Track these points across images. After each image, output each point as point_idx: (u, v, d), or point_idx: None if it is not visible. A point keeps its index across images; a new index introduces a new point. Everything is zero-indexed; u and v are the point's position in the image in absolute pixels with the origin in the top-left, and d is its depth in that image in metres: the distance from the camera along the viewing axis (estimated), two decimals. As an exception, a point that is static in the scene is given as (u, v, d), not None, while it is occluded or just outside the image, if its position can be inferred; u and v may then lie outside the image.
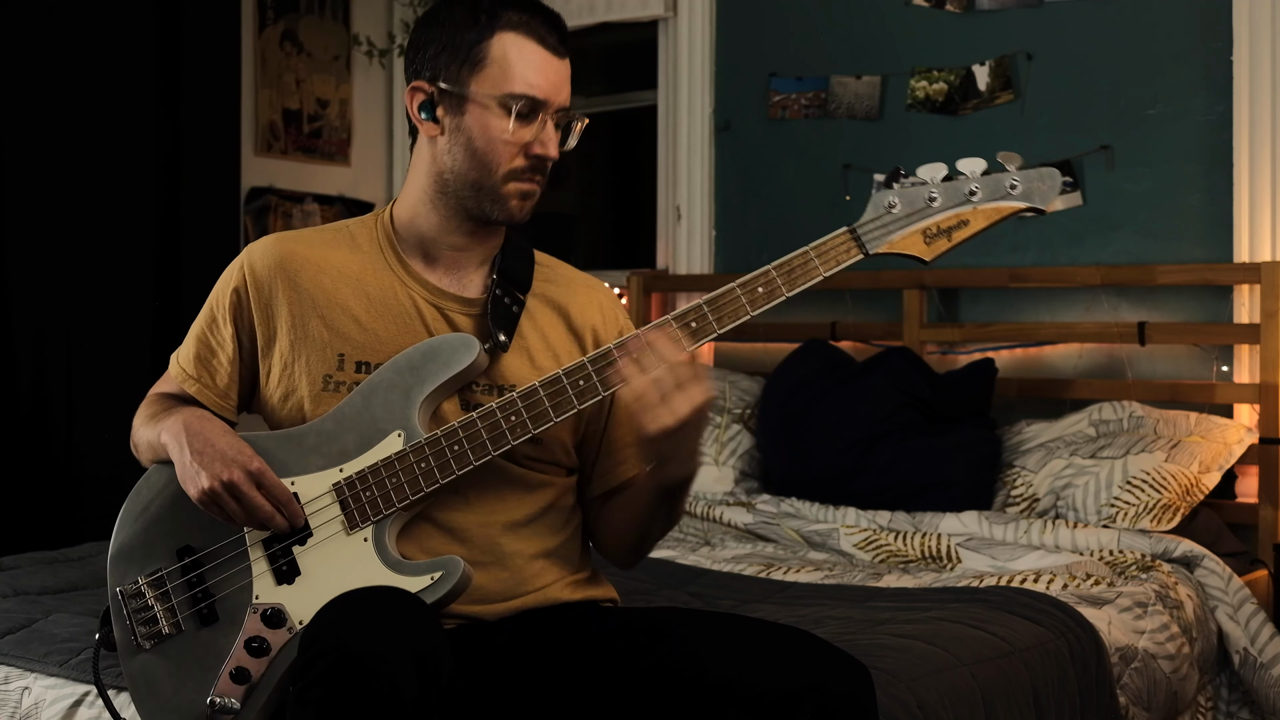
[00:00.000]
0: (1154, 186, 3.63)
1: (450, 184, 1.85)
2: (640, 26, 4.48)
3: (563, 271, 1.98)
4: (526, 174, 1.83)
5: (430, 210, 1.88)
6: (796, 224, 4.17)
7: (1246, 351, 3.48)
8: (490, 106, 1.80)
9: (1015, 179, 1.74)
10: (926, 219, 1.74)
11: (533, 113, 1.81)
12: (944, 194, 1.74)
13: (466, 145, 1.82)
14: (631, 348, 1.71)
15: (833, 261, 1.73)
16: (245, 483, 1.74)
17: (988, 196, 1.74)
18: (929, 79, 3.93)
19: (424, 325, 1.86)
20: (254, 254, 1.90)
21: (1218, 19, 3.52)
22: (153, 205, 4.18)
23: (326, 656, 1.54)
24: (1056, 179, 1.74)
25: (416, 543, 1.80)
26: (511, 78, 1.80)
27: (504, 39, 1.81)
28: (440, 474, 1.75)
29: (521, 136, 1.81)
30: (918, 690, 2.09)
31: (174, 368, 1.95)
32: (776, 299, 1.73)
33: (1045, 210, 1.75)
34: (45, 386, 3.93)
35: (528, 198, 1.85)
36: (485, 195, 1.84)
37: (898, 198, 1.74)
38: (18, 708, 2.17)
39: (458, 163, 1.84)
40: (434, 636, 1.59)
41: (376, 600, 1.62)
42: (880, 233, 1.74)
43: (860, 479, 3.45)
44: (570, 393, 1.74)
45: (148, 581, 1.82)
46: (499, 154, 1.82)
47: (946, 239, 1.74)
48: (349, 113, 4.86)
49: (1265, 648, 2.98)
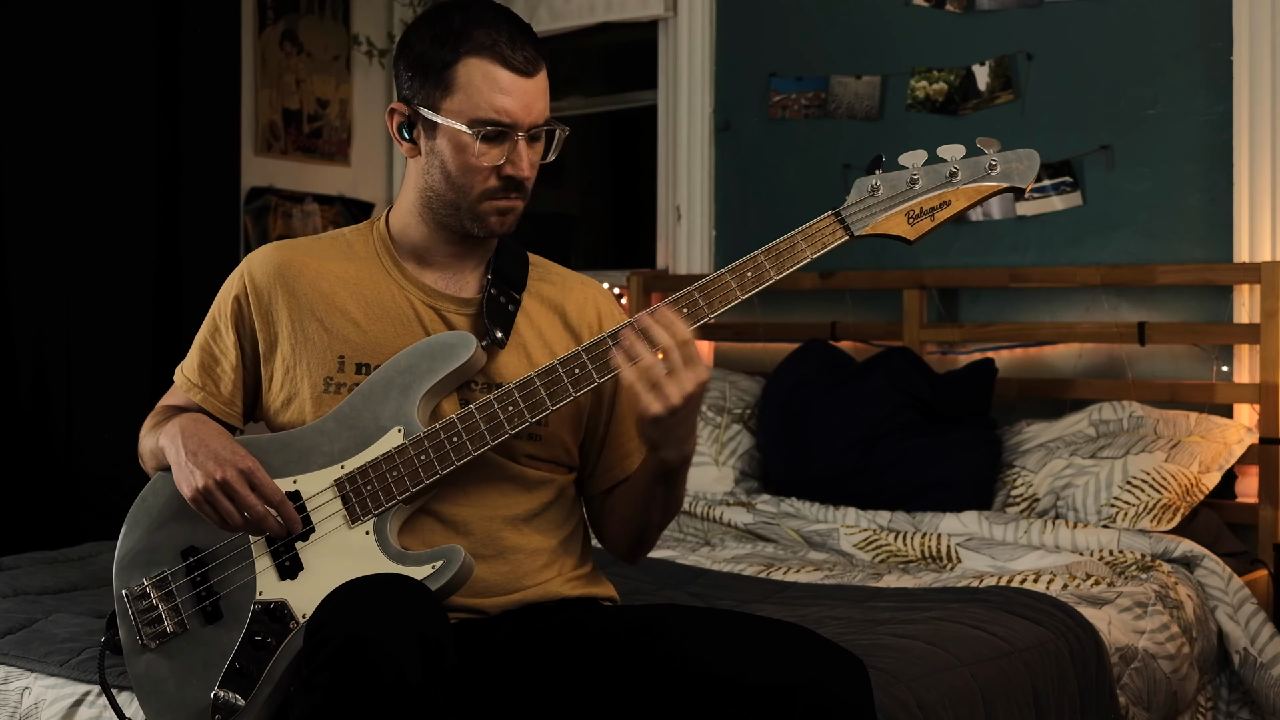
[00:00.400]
0: (1154, 186, 3.63)
1: (432, 202, 1.89)
2: (640, 26, 4.48)
3: (556, 271, 2.02)
4: (500, 194, 1.86)
5: (419, 223, 1.92)
6: (796, 224, 4.14)
7: (1246, 351, 3.48)
8: (459, 132, 1.82)
9: (994, 159, 1.79)
10: (909, 200, 1.79)
11: (501, 136, 1.82)
12: (925, 176, 1.79)
13: (441, 168, 1.86)
14: (626, 335, 1.73)
15: (819, 244, 1.79)
16: (238, 481, 1.76)
17: (968, 177, 1.79)
18: (929, 79, 3.93)
19: (421, 326, 1.89)
20: (253, 262, 1.94)
21: (1218, 19, 3.52)
22: (153, 205, 4.18)
23: (332, 641, 1.56)
24: (1035, 159, 1.78)
25: (418, 536, 1.82)
26: (478, 104, 1.81)
27: (469, 65, 1.81)
28: (440, 465, 1.77)
29: (492, 159, 1.83)
30: (918, 690, 2.09)
31: (179, 379, 1.98)
32: (765, 282, 1.77)
33: (1024, 190, 1.79)
34: (45, 386, 3.93)
35: (506, 213, 1.88)
36: (464, 214, 1.87)
37: (880, 181, 1.80)
38: (18, 708, 2.17)
39: (435, 183, 1.87)
40: (438, 620, 1.61)
41: (381, 586, 1.64)
42: (864, 215, 1.80)
43: (860, 479, 3.45)
44: (566, 381, 1.76)
45: (152, 583, 1.84)
46: (471, 177, 1.84)
47: (929, 219, 1.79)
48: (349, 113, 4.86)
49: (1265, 648, 2.98)
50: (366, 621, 1.56)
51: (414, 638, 1.56)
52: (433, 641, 1.57)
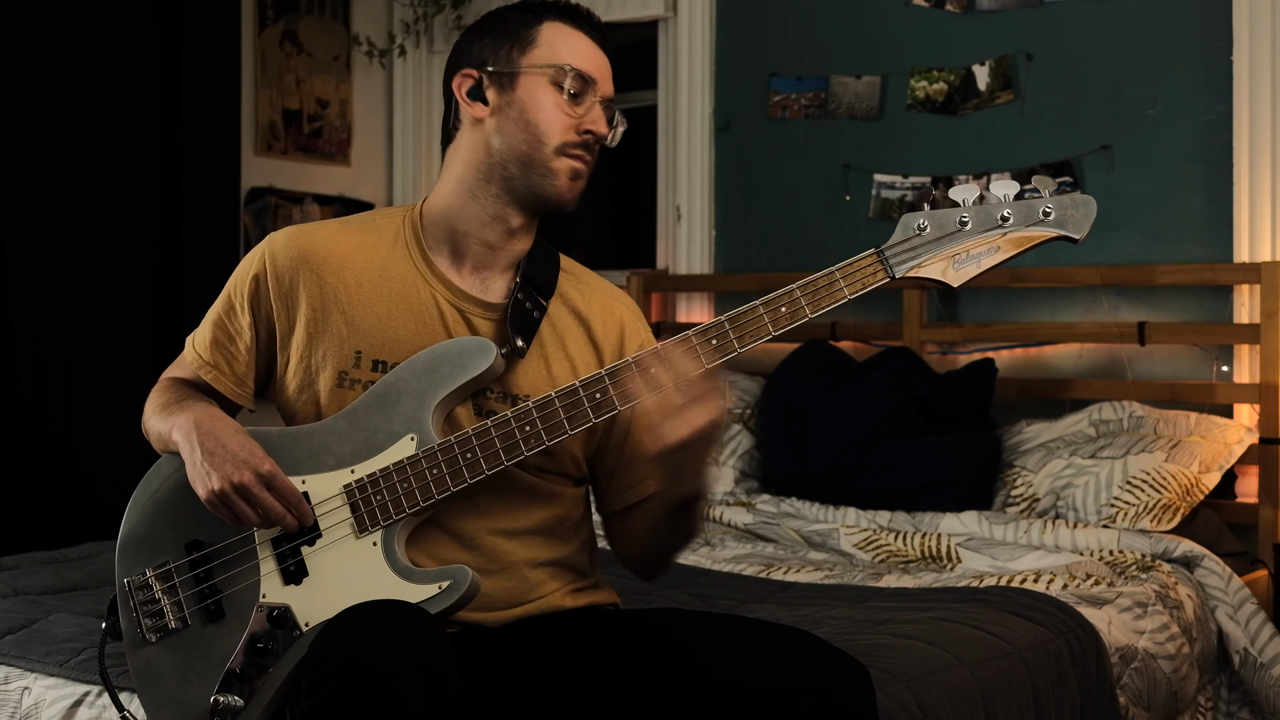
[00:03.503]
0: (1154, 186, 3.63)
1: (497, 166, 1.84)
2: (640, 26, 4.48)
3: (587, 279, 1.97)
4: (578, 149, 1.84)
5: (469, 201, 1.87)
6: (796, 224, 4.17)
7: (1246, 351, 3.48)
8: (542, 80, 1.83)
9: (1049, 205, 1.68)
10: (956, 244, 1.69)
11: (582, 91, 1.83)
12: (975, 218, 1.69)
13: (519, 118, 1.83)
14: (649, 362, 1.70)
15: (859, 284, 1.69)
16: (256, 484, 1.74)
17: (1020, 222, 1.68)
18: (929, 79, 3.93)
19: (444, 327, 1.85)
20: (276, 244, 1.89)
21: (1218, 19, 3.52)
22: (153, 205, 4.18)
23: (335, 677, 1.53)
24: (1092, 207, 1.68)
25: (424, 548, 1.79)
26: (562, 55, 1.83)
27: (553, 27, 1.85)
28: (452, 481, 1.74)
29: (574, 110, 1.83)
30: (918, 690, 2.09)
31: (189, 352, 1.94)
32: (800, 319, 1.70)
33: (1078, 239, 1.69)
34: (45, 386, 3.92)
35: (578, 177, 1.85)
36: (535, 170, 1.84)
37: (928, 220, 1.69)
38: (18, 708, 2.17)
39: (508, 137, 1.83)
40: (442, 651, 1.58)
41: (384, 614, 1.61)
42: (908, 256, 1.69)
43: (860, 479, 3.45)
44: (586, 405, 1.73)
45: (155, 574, 1.82)
46: (552, 123, 1.83)
47: (975, 265, 1.69)
48: (349, 113, 4.86)
49: (1265, 648, 2.98)
50: (369, 652, 1.54)
51: (417, 669, 1.53)
52: (436, 672, 1.55)
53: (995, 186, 1.70)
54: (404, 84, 4.92)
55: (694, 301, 4.32)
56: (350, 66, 4.86)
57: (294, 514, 1.76)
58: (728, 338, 1.70)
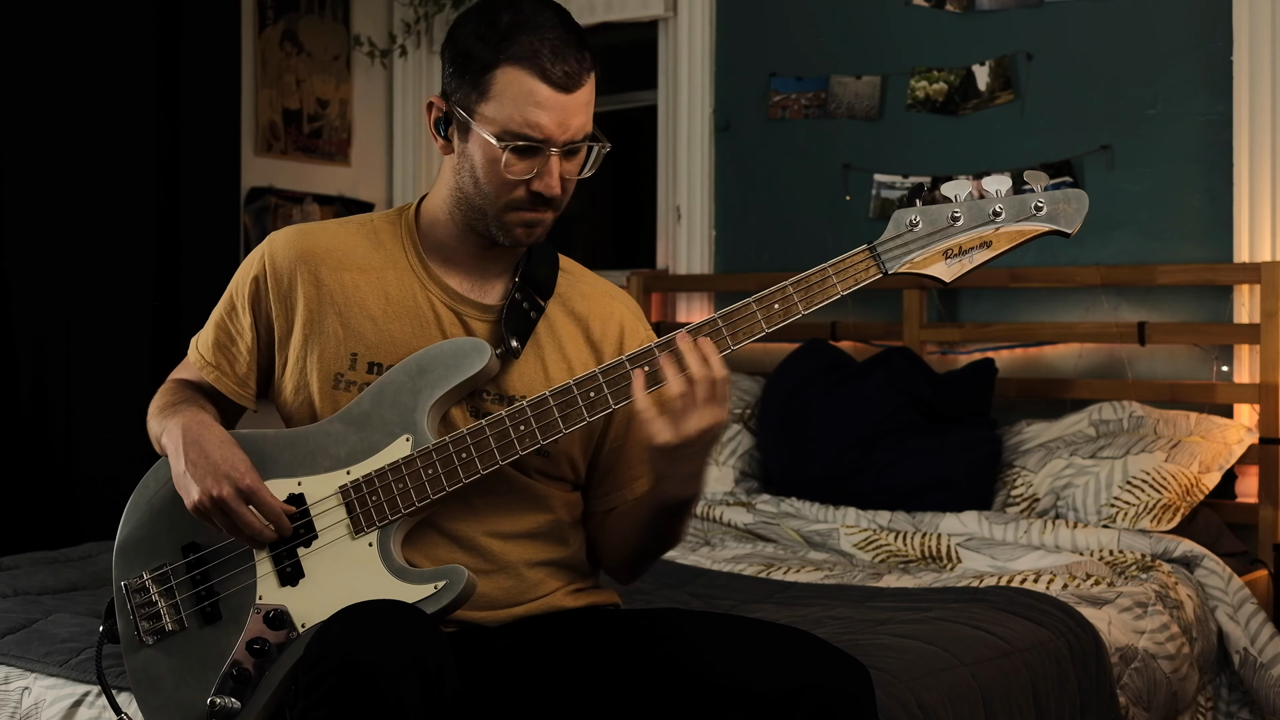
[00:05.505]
0: (1154, 186, 3.63)
1: (461, 203, 1.84)
2: (640, 26, 4.48)
3: (586, 279, 1.96)
4: (527, 207, 1.80)
5: (449, 220, 1.87)
6: (796, 224, 4.17)
7: (1246, 351, 3.48)
8: (490, 140, 1.76)
9: (1041, 200, 1.68)
10: (948, 239, 1.69)
11: (533, 150, 1.77)
12: (967, 213, 1.69)
13: (471, 172, 1.80)
14: (644, 360, 1.70)
15: (851, 280, 1.69)
16: (234, 499, 1.74)
17: (1012, 217, 1.69)
18: (929, 79, 3.93)
19: (440, 329, 1.85)
20: (275, 244, 1.89)
21: (1218, 19, 3.52)
22: (153, 205, 4.18)
23: (331, 677, 1.54)
24: (1084, 201, 1.68)
25: (420, 549, 1.79)
26: (511, 116, 1.75)
27: (507, 74, 1.74)
28: (447, 481, 1.74)
29: (521, 172, 1.77)
30: (918, 690, 2.09)
31: (192, 354, 1.95)
32: (793, 316, 1.70)
33: (1070, 234, 1.69)
34: (45, 386, 3.92)
35: (533, 225, 1.82)
36: (491, 221, 1.82)
37: (920, 216, 1.70)
38: (18, 708, 2.17)
39: (465, 185, 1.82)
40: (438, 651, 1.59)
41: (381, 614, 1.61)
42: (900, 252, 1.70)
43: (860, 479, 3.45)
44: (580, 404, 1.72)
45: (152, 577, 1.83)
46: (498, 187, 1.79)
47: (968, 260, 1.69)
48: (349, 113, 4.86)
49: (1265, 648, 2.98)
50: (366, 652, 1.54)
51: (414, 668, 1.53)
52: (433, 672, 1.55)
53: (988, 182, 1.70)
54: (404, 84, 4.92)
55: (694, 301, 4.32)
56: (350, 66, 4.86)
57: (272, 529, 1.75)
58: (721, 335, 1.70)
